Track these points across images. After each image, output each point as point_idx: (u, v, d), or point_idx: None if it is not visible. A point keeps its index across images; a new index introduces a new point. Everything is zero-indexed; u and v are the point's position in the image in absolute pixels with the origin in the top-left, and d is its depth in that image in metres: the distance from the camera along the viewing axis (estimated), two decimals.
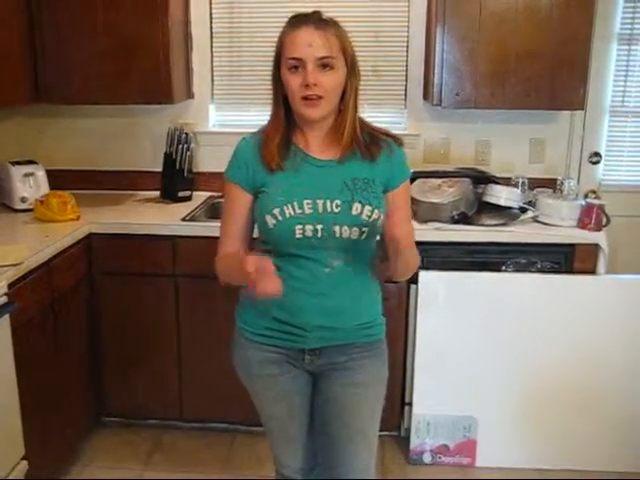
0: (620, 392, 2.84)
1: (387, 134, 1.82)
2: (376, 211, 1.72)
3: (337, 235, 1.71)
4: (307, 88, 1.65)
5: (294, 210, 1.70)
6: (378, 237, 1.81)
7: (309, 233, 1.70)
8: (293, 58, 1.66)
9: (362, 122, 1.79)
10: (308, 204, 1.70)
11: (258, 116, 3.14)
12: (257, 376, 1.87)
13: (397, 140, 1.82)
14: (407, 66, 3.30)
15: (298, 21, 1.69)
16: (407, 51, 3.28)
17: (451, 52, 2.94)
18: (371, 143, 1.77)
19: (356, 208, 1.71)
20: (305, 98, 1.67)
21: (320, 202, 1.71)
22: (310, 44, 1.65)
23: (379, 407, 1.88)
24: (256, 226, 1.82)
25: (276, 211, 1.70)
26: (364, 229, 1.71)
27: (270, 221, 1.71)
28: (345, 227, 1.70)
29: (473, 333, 2.82)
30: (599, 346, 2.81)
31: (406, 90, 3.34)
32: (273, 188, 1.73)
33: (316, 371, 1.86)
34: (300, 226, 1.70)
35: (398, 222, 1.75)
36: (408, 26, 3.25)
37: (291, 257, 1.72)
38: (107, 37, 2.98)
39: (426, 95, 3.23)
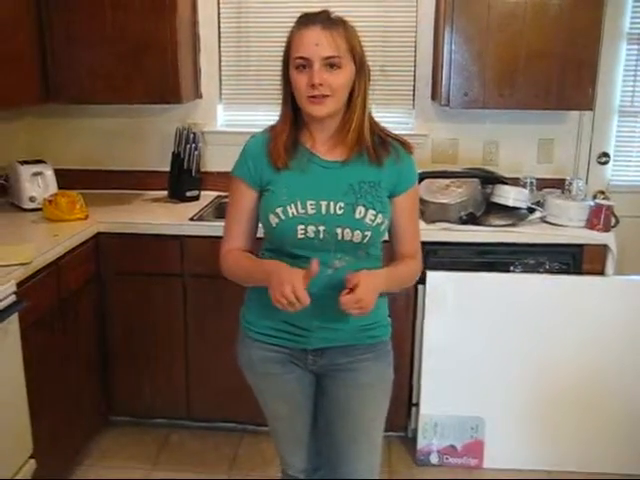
0: (628, 393, 2.83)
1: (398, 139, 1.81)
2: (380, 216, 1.72)
3: (339, 237, 1.70)
4: (313, 88, 1.65)
5: (297, 210, 1.70)
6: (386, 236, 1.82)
7: (311, 234, 1.70)
8: (300, 57, 1.66)
9: (373, 124, 1.78)
10: (311, 205, 1.70)
11: (266, 116, 3.15)
12: (261, 375, 1.88)
13: (407, 147, 1.80)
14: (415, 66, 3.30)
15: (306, 20, 1.69)
16: (415, 51, 3.28)
17: (459, 52, 2.93)
18: (379, 146, 1.76)
19: (359, 211, 1.70)
20: (311, 97, 1.67)
21: (324, 203, 1.70)
22: (317, 43, 1.64)
23: (384, 408, 1.88)
24: (261, 226, 1.82)
25: (279, 210, 1.70)
26: (367, 233, 1.70)
27: (273, 220, 1.71)
28: (348, 230, 1.70)
29: (481, 334, 2.82)
30: (607, 347, 2.80)
31: (414, 90, 3.33)
32: (278, 187, 1.74)
33: (320, 372, 1.86)
34: (302, 226, 1.70)
35: (404, 239, 1.82)
36: (416, 26, 3.24)
37: (293, 257, 1.72)
38: (115, 38, 2.98)
39: (434, 95, 3.22)
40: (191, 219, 2.96)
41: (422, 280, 2.76)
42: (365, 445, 1.84)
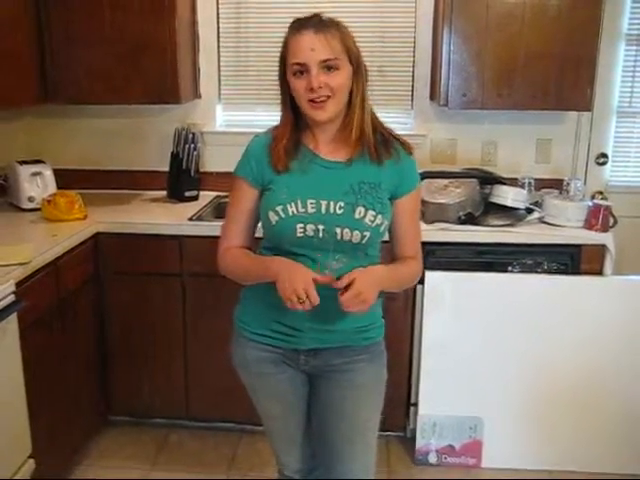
0: (627, 393, 2.83)
1: (398, 139, 1.81)
2: (380, 216, 1.72)
3: (338, 237, 1.71)
4: (312, 92, 1.66)
5: (297, 209, 1.70)
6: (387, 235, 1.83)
7: (310, 232, 1.70)
8: (297, 63, 1.67)
9: (376, 122, 1.79)
10: (311, 204, 1.71)
11: (265, 116, 3.18)
12: (254, 374, 1.89)
13: (407, 147, 1.80)
14: (414, 66, 3.30)
15: (298, 26, 1.69)
16: (414, 51, 3.28)
17: (458, 52, 2.93)
18: (381, 145, 1.76)
19: (359, 212, 1.70)
20: (312, 101, 1.68)
21: (324, 203, 1.71)
22: (312, 48, 1.65)
23: (378, 408, 1.88)
24: (260, 226, 1.83)
25: (279, 208, 1.71)
26: (366, 233, 1.71)
27: (273, 218, 1.72)
28: (347, 230, 1.70)
29: (479, 334, 2.82)
30: (605, 347, 2.80)
31: (413, 90, 3.33)
32: (279, 186, 1.74)
33: (312, 372, 1.86)
34: (301, 225, 1.70)
35: (405, 240, 1.81)
36: (415, 26, 3.25)
37: (291, 256, 1.72)
38: (114, 38, 2.98)
39: (433, 95, 3.23)
40: (190, 219, 2.96)
41: (420, 280, 2.73)
42: (360, 445, 1.84)
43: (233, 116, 3.48)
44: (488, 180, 3.05)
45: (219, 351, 2.83)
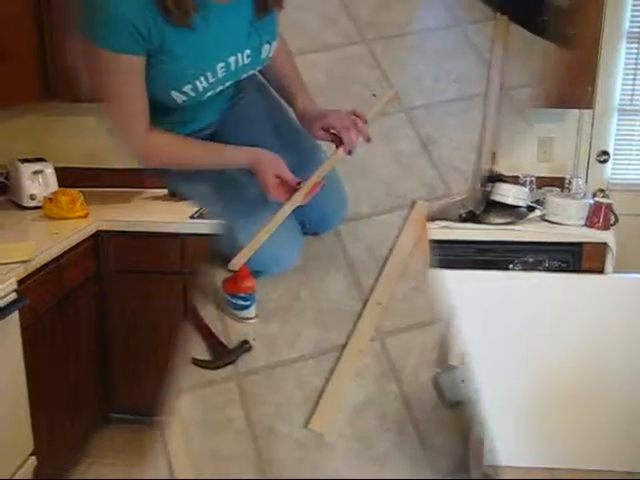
0: (628, 391, 2.82)
1: None
2: None
3: None
4: None
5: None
6: None
7: None
8: None
9: None
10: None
11: None
12: None
13: None
14: None
15: None
16: None
17: None
18: None
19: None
20: None
21: None
22: None
23: None
24: None
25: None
26: None
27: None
28: None
29: (480, 332, 2.81)
30: (606, 344, 2.79)
31: None
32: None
33: None
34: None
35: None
36: None
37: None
38: None
39: None
40: (191, 217, 2.96)
41: None
42: None
43: None
44: (489, 178, 3.05)
45: None
